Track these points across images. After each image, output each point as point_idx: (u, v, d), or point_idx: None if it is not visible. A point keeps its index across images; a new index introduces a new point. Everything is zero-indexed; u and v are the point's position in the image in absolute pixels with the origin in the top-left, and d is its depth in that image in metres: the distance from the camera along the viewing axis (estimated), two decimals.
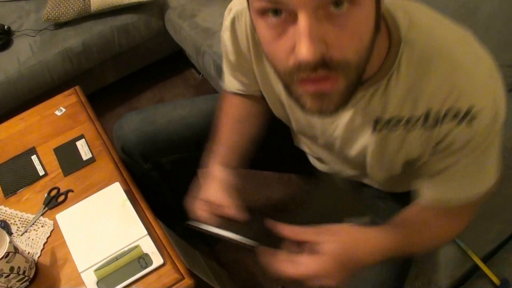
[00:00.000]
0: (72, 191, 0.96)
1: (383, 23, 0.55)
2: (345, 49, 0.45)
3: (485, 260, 0.92)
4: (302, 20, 0.42)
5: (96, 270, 0.81)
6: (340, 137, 0.70)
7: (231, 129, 0.85)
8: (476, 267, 0.91)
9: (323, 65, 0.45)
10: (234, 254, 1.41)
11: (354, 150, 0.70)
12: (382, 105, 0.59)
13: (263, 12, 0.46)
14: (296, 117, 0.76)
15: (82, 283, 0.80)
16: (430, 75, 0.55)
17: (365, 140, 0.66)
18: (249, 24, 0.69)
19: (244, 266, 1.38)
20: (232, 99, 0.87)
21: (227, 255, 1.41)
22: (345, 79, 0.48)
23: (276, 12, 0.44)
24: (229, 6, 0.73)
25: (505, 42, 1.13)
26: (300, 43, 0.43)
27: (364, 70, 0.50)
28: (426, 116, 0.57)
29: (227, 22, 0.73)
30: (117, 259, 0.81)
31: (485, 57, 0.57)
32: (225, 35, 0.75)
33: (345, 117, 0.65)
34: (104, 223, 0.86)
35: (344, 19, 0.44)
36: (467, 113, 0.55)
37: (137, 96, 1.96)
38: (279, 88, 0.73)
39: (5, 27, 1.63)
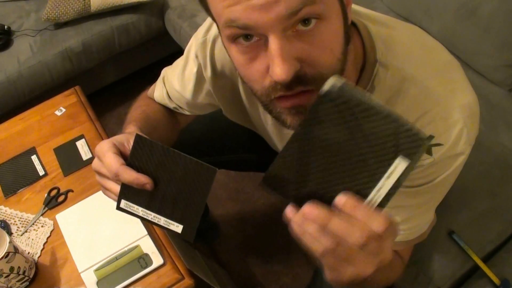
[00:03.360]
0: (72, 191, 0.96)
1: (359, 43, 0.56)
2: (318, 63, 0.46)
3: (485, 260, 0.92)
4: (273, 42, 0.43)
5: (96, 270, 0.81)
6: None
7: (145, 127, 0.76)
8: (476, 267, 0.91)
9: (299, 81, 0.46)
10: (234, 254, 1.42)
11: None
12: None
13: (234, 38, 0.46)
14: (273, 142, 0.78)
15: (82, 283, 0.80)
16: (400, 98, 0.55)
17: None
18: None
19: (244, 266, 1.38)
20: (155, 104, 0.89)
21: (227, 255, 1.42)
22: None
23: (247, 37, 0.45)
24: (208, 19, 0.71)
25: (505, 42, 1.13)
26: (274, 64, 0.44)
27: None
28: None
29: (210, 35, 0.70)
30: (117, 259, 0.81)
31: (463, 92, 0.56)
32: (203, 49, 0.71)
33: None
34: (104, 223, 0.87)
35: (313, 35, 0.45)
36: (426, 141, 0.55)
37: (137, 96, 1.96)
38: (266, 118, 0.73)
39: (5, 27, 1.63)
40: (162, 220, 0.56)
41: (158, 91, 0.88)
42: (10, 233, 0.90)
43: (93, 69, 1.75)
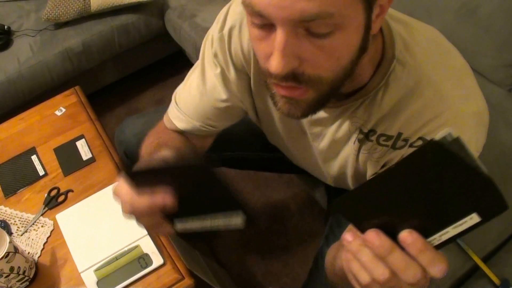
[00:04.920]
0: (72, 191, 0.96)
1: (380, 37, 0.56)
2: (319, 67, 0.46)
3: (485, 260, 0.92)
4: (279, 35, 0.44)
5: (96, 270, 0.81)
6: (324, 152, 0.70)
7: None
8: (476, 267, 0.91)
9: (293, 78, 0.46)
10: (234, 254, 1.42)
11: (336, 164, 0.71)
12: (365, 118, 0.60)
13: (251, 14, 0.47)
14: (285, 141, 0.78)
15: (82, 283, 0.80)
16: (413, 97, 0.55)
17: (347, 153, 0.67)
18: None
19: (244, 266, 1.38)
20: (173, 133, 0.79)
21: (227, 255, 1.42)
22: (316, 92, 0.49)
23: (261, 16, 0.45)
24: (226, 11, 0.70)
25: (505, 42, 1.13)
26: (273, 56, 0.44)
27: (342, 85, 0.51)
28: (398, 136, 0.58)
29: (225, 30, 0.68)
30: (117, 259, 0.81)
31: (476, 99, 0.57)
32: (217, 47, 0.70)
33: (331, 129, 0.66)
34: (104, 223, 0.86)
35: (324, 40, 0.44)
36: None
37: (137, 96, 1.96)
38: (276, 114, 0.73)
39: (5, 27, 1.63)
40: (220, 219, 0.55)
41: (172, 113, 0.80)
42: (10, 233, 0.90)
43: (93, 69, 1.75)
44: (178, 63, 2.01)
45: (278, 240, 1.44)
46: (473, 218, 0.38)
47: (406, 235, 0.39)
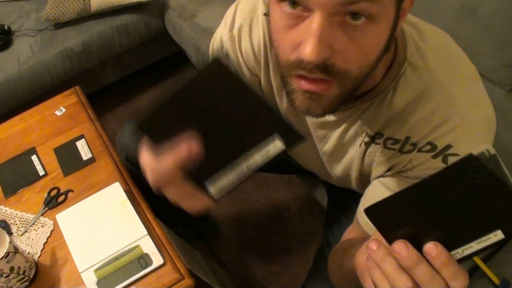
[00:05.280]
0: (72, 191, 0.96)
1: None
2: (349, 60, 0.45)
3: (485, 260, 0.92)
4: (316, 20, 0.42)
5: (96, 270, 0.81)
6: (329, 154, 0.70)
7: None
8: (476, 267, 0.91)
9: (323, 69, 0.45)
10: (234, 254, 1.42)
11: (340, 166, 0.71)
12: (372, 120, 0.59)
13: (281, 0, 0.45)
14: None
15: (82, 283, 0.80)
16: (423, 101, 0.55)
17: (352, 155, 0.67)
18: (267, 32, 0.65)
19: (244, 266, 1.38)
20: None
21: (227, 255, 1.42)
22: (340, 87, 0.48)
23: (294, 3, 0.44)
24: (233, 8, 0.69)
25: (505, 42, 1.13)
26: (308, 42, 0.43)
27: (362, 84, 0.50)
28: (406, 140, 0.58)
29: (235, 29, 0.67)
30: (117, 259, 0.81)
31: (485, 105, 0.57)
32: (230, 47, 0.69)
33: (337, 132, 0.65)
34: (104, 223, 0.86)
35: (357, 32, 0.43)
36: (444, 149, 0.55)
37: (137, 96, 1.96)
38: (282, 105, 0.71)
39: (5, 27, 1.63)
40: (256, 155, 0.44)
41: None
42: (10, 233, 0.90)
43: (93, 69, 1.75)
44: (178, 63, 2.01)
45: (278, 240, 1.44)
46: (497, 235, 0.38)
47: (431, 247, 0.40)
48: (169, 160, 0.44)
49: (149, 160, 0.46)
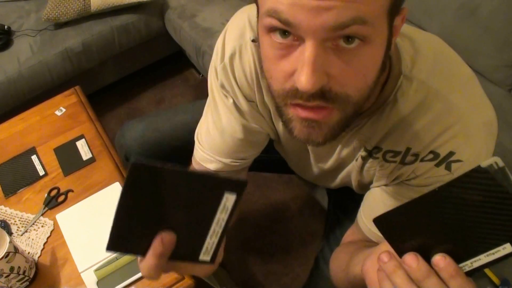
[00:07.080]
0: (72, 191, 0.96)
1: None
2: (347, 84, 0.44)
3: None
4: (308, 49, 0.41)
5: (96, 270, 0.81)
6: (327, 169, 0.71)
7: None
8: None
9: (321, 96, 0.44)
10: (234, 254, 1.42)
11: (338, 179, 0.72)
12: (370, 135, 0.59)
13: (271, 30, 0.44)
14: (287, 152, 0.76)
15: (82, 283, 0.80)
16: (423, 111, 0.54)
17: (349, 169, 0.67)
18: (257, 59, 0.63)
19: (244, 266, 1.38)
20: None
21: (227, 255, 1.42)
22: (341, 113, 0.46)
23: (285, 33, 0.43)
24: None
25: (505, 42, 1.13)
26: (302, 71, 0.41)
27: (362, 107, 0.49)
28: (406, 151, 0.57)
29: (226, 58, 0.65)
30: (117, 259, 0.81)
31: (485, 109, 0.56)
32: (224, 78, 0.66)
33: (335, 149, 0.65)
34: (104, 223, 0.86)
35: (352, 56, 0.42)
36: (447, 157, 0.55)
37: (137, 96, 1.96)
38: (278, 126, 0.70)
39: (5, 27, 1.63)
40: (221, 214, 0.47)
41: (199, 156, 0.77)
42: (10, 233, 0.90)
43: (93, 69, 1.75)
44: (178, 63, 2.01)
45: (278, 240, 1.44)
46: (506, 248, 0.38)
47: (440, 259, 0.40)
48: (150, 259, 0.46)
49: (140, 266, 0.48)
